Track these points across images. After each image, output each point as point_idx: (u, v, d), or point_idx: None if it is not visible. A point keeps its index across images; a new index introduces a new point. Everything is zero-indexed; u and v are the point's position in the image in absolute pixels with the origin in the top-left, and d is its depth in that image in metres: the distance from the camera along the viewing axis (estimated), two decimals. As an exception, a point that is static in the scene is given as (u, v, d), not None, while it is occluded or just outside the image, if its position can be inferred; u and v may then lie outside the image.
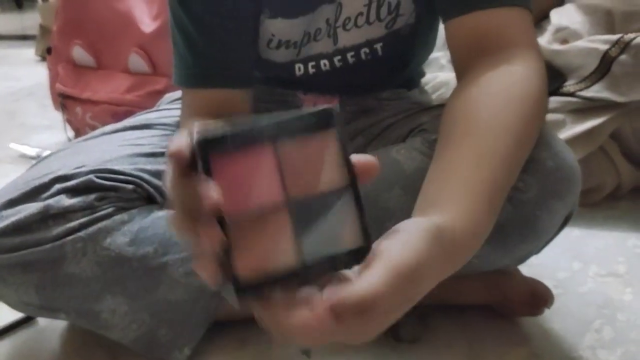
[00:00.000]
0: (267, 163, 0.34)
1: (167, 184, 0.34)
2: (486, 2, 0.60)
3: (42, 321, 0.79)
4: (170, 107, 0.86)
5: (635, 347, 0.72)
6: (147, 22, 1.27)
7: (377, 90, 0.81)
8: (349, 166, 0.35)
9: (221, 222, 0.32)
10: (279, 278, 0.33)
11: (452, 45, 0.65)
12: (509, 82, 0.56)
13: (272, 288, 0.33)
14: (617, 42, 1.06)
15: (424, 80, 0.92)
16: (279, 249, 0.33)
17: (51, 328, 0.77)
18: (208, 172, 0.32)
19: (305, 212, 0.34)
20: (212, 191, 0.31)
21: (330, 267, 0.34)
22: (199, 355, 0.71)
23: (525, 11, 0.62)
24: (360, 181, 0.35)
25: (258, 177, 0.34)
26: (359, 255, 0.34)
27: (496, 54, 0.59)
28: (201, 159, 0.32)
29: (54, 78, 1.39)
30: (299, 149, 0.34)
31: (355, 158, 0.35)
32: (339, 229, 0.34)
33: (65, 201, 0.63)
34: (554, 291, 0.76)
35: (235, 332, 0.75)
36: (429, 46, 0.83)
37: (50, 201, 0.63)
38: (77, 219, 0.63)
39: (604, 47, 1.07)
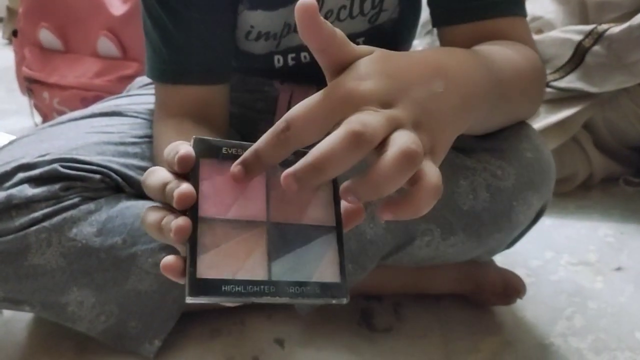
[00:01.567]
0: (256, 183, 0.35)
1: (157, 181, 0.34)
2: (485, 12, 0.61)
3: (7, 312, 0.76)
4: (141, 92, 0.84)
5: (605, 335, 0.73)
6: (117, 5, 1.23)
7: None
8: (337, 210, 0.36)
9: (194, 221, 0.33)
10: (239, 282, 0.32)
11: (449, 46, 0.65)
12: (510, 43, 0.58)
13: (229, 292, 0.32)
14: (590, 32, 1.07)
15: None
16: (248, 261, 0.33)
17: (17, 319, 0.75)
18: (195, 173, 0.33)
19: (283, 236, 0.34)
20: (187, 186, 0.32)
21: (297, 293, 0.33)
22: (170, 346, 0.69)
23: (522, 19, 0.63)
24: (346, 225, 0.36)
25: (243, 193, 0.34)
26: (333, 290, 0.34)
27: None
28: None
29: (20, 62, 1.34)
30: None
31: (344, 204, 0.36)
32: (315, 261, 0.34)
33: (29, 191, 0.61)
34: (526, 279, 0.77)
35: (207, 323, 0.74)
36: (410, 40, 0.83)
37: (13, 191, 0.61)
38: (41, 209, 0.61)
39: (578, 37, 1.08)
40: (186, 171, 0.33)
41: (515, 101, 0.56)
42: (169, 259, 0.32)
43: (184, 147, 0.34)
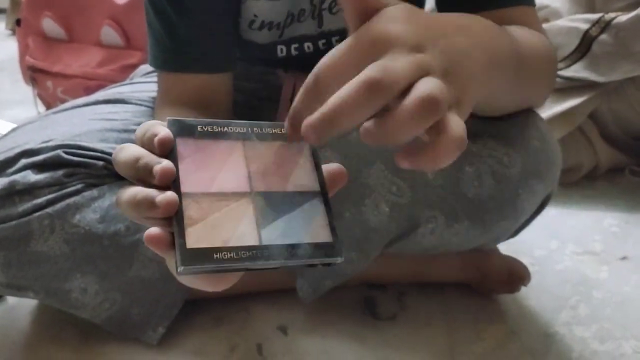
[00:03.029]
0: (235, 157, 0.35)
1: (129, 156, 0.33)
2: (494, 1, 0.60)
3: (11, 299, 0.77)
4: (144, 80, 0.84)
5: (610, 324, 0.73)
6: (120, -7, 1.23)
7: None
8: (319, 175, 0.36)
9: (178, 196, 0.32)
10: (230, 249, 0.32)
11: None
12: (523, 27, 0.57)
13: (222, 259, 0.31)
14: (597, 21, 1.06)
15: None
16: (237, 230, 0.33)
17: (21, 306, 0.75)
18: (174, 153, 0.33)
19: (269, 204, 0.34)
20: (167, 162, 0.32)
21: (291, 255, 0.33)
22: (173, 334, 0.69)
23: (531, 8, 0.62)
24: (330, 189, 0.36)
25: (223, 168, 0.35)
26: (326, 250, 0.34)
27: None
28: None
29: (23, 51, 1.34)
30: (269, 152, 0.36)
31: (326, 168, 0.36)
32: (305, 225, 0.34)
33: (32, 177, 0.61)
34: (531, 269, 0.76)
35: (211, 311, 0.74)
36: None
37: (16, 176, 0.61)
38: (44, 195, 0.61)
39: (585, 26, 1.07)
40: (166, 153, 0.33)
41: (531, 79, 0.54)
42: (153, 230, 0.31)
43: (161, 130, 0.33)
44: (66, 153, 0.62)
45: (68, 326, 0.71)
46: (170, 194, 0.31)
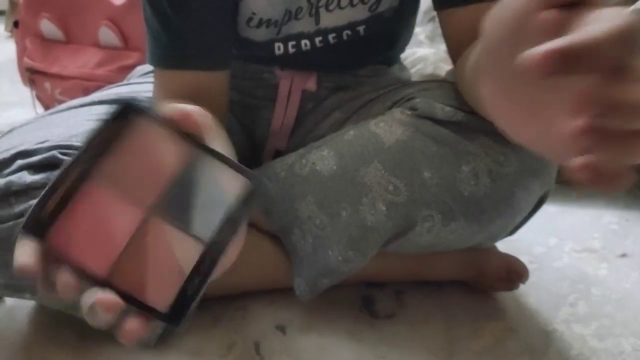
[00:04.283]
0: (100, 200, 0.32)
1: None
2: None
3: (9, 300, 0.76)
4: (141, 80, 0.84)
5: (609, 321, 0.73)
6: (118, -6, 1.23)
7: (356, 68, 0.79)
8: (181, 135, 0.32)
9: (106, 283, 0.31)
10: (195, 275, 0.31)
11: (450, 32, 0.65)
12: None
13: (198, 286, 0.31)
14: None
15: (402, 55, 0.91)
16: (175, 256, 0.31)
17: (19, 307, 0.75)
18: (57, 255, 0.31)
19: (173, 204, 0.32)
20: (62, 276, 0.31)
21: (233, 226, 0.31)
22: (170, 333, 0.69)
23: None
24: (190, 129, 0.32)
25: (103, 220, 0.32)
26: (255, 194, 0.31)
27: None
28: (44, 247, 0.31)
29: (21, 52, 1.34)
30: (119, 161, 0.32)
31: (170, 114, 0.33)
32: (216, 190, 0.31)
33: (28, 177, 0.60)
34: (530, 266, 0.76)
35: (209, 310, 0.74)
36: (410, 28, 0.82)
37: (12, 177, 0.60)
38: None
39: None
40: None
41: None
42: (132, 327, 0.31)
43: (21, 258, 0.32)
44: (62, 154, 0.62)
45: (66, 327, 0.71)
46: (112, 299, 0.30)
